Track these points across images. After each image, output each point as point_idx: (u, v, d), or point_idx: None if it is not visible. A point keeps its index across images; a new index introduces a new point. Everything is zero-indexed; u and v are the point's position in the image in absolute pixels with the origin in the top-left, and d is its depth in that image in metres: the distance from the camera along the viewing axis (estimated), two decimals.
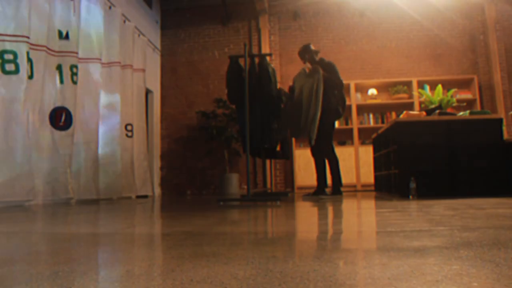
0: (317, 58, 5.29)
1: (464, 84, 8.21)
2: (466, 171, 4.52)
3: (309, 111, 4.95)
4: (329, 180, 5.26)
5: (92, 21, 5.75)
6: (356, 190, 7.68)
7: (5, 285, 0.92)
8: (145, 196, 7.00)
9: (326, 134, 5.09)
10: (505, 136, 5.33)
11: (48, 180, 4.88)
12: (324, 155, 5.17)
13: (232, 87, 4.70)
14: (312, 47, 5.35)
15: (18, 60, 4.36)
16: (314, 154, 5.26)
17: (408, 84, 8.23)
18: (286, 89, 7.64)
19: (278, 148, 5.41)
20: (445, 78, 8.02)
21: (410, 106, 8.10)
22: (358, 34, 8.62)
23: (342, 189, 5.22)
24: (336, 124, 8.01)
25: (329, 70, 5.09)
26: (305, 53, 5.32)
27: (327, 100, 5.01)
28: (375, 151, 6.45)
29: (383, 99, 8.35)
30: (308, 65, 5.25)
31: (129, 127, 6.61)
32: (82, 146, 5.50)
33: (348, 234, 1.80)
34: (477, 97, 7.97)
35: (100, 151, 5.80)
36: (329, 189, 5.28)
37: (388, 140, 5.29)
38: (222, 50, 8.84)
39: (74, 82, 5.30)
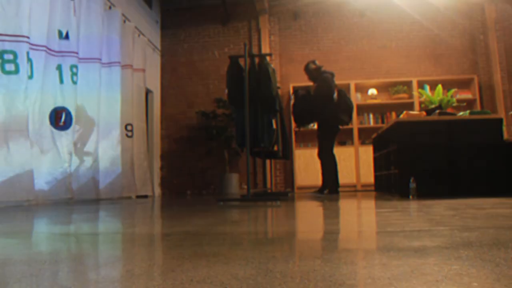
0: (315, 73, 5.76)
1: (464, 84, 8.20)
2: (466, 171, 4.51)
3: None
4: (320, 181, 5.78)
5: (92, 21, 5.75)
6: (356, 190, 7.68)
7: (5, 285, 0.92)
8: (145, 196, 7.00)
9: (326, 140, 5.66)
10: (505, 136, 5.33)
11: (48, 180, 4.88)
12: (324, 157, 5.66)
13: (232, 87, 4.70)
14: (311, 66, 5.79)
15: (18, 60, 4.36)
16: (319, 157, 5.72)
17: (408, 84, 8.22)
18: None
19: (276, 148, 5.43)
20: (445, 78, 8.02)
21: (410, 106, 8.09)
22: (358, 34, 8.62)
23: (340, 189, 5.68)
24: None
25: (321, 83, 5.64)
26: (306, 73, 5.90)
27: (322, 111, 5.58)
28: (375, 151, 6.45)
29: (383, 99, 8.34)
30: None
31: (129, 127, 6.61)
32: (82, 146, 5.50)
33: (348, 234, 1.80)
34: (477, 97, 7.97)
35: (100, 151, 5.80)
36: (327, 190, 5.71)
37: (388, 140, 5.29)
38: (222, 50, 8.84)
39: (74, 82, 5.29)
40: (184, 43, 8.99)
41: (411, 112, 5.11)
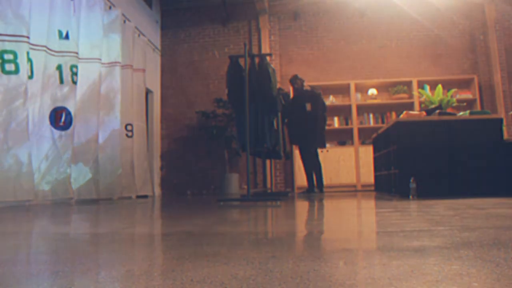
0: (300, 85, 6.48)
1: (464, 84, 8.20)
2: (466, 171, 4.51)
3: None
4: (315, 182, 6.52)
5: (92, 21, 5.74)
6: (356, 190, 7.67)
7: (5, 285, 0.92)
8: (145, 196, 7.00)
9: (310, 154, 6.39)
10: (505, 136, 5.32)
11: (48, 180, 4.88)
12: (307, 163, 6.38)
13: (232, 87, 4.70)
14: (299, 80, 6.50)
15: (18, 60, 4.36)
16: (303, 163, 6.45)
17: (408, 84, 8.22)
18: (286, 89, 7.66)
19: (277, 148, 5.43)
20: (445, 78, 8.02)
21: (410, 106, 8.09)
22: (358, 34, 8.61)
23: (340, 189, 6.17)
24: (337, 124, 8.22)
25: (320, 104, 6.35)
26: (292, 83, 6.64)
27: (313, 131, 6.27)
28: (375, 151, 6.45)
29: (383, 99, 8.34)
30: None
31: (129, 127, 6.61)
32: (82, 146, 5.50)
33: (348, 234, 1.80)
34: (477, 97, 7.97)
35: (100, 151, 5.79)
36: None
37: (388, 140, 5.29)
38: (222, 50, 8.84)
39: (74, 82, 5.29)
40: (184, 43, 8.98)
41: (411, 112, 5.11)
